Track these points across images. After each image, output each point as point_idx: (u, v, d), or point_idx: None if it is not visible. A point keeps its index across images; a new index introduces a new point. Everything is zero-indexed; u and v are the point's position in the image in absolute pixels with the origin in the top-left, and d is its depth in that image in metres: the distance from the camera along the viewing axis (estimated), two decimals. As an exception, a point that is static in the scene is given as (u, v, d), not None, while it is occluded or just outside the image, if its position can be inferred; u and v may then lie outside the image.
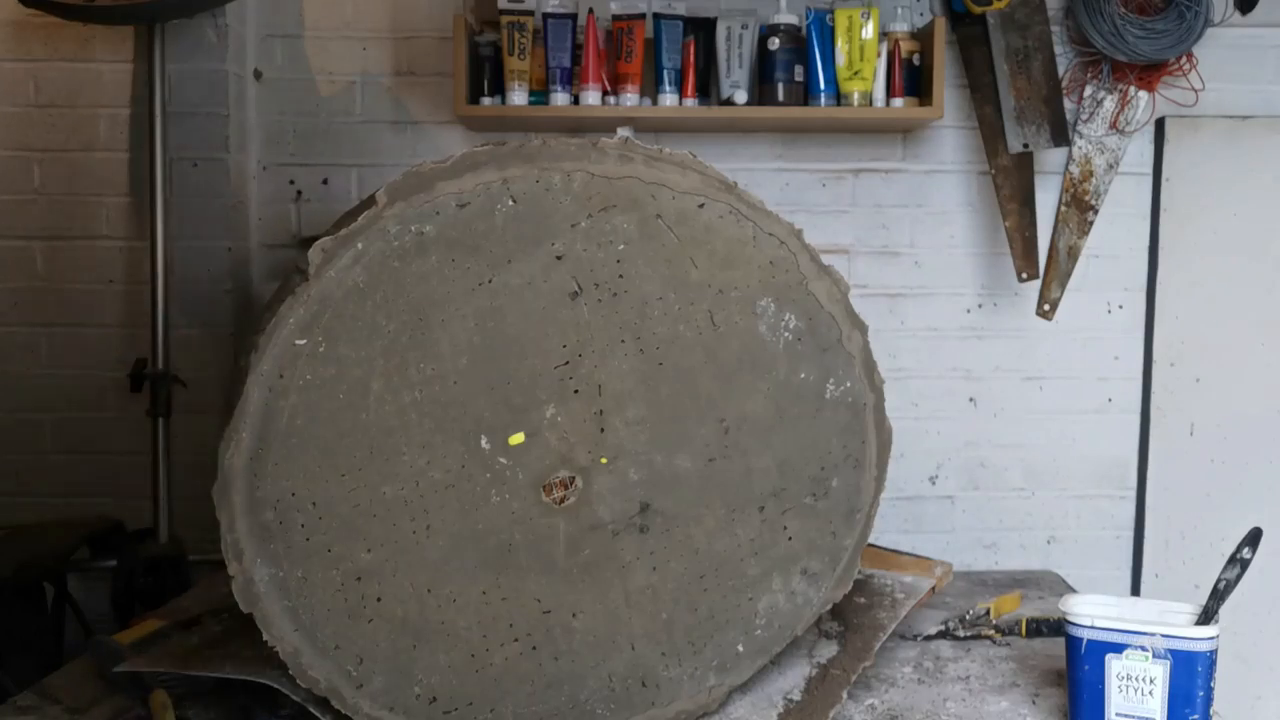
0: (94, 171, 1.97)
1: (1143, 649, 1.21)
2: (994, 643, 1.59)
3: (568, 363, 1.18)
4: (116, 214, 1.97)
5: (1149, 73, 2.02)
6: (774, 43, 1.91)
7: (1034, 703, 1.38)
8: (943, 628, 1.62)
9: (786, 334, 1.24)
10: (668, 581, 1.25)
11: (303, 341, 1.12)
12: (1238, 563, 1.24)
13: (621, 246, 1.18)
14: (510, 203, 1.15)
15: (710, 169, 1.21)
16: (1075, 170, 2.05)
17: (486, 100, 1.94)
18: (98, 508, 1.98)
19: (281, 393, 1.12)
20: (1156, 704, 1.21)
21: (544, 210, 1.16)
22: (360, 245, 1.13)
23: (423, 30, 2.06)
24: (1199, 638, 1.20)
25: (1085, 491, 2.14)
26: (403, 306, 1.14)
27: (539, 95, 1.94)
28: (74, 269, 1.98)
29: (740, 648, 1.29)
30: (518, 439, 1.19)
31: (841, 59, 1.91)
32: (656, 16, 1.94)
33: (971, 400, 2.13)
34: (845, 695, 1.35)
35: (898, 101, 1.94)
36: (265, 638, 1.16)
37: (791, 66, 1.92)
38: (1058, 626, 1.52)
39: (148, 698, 1.32)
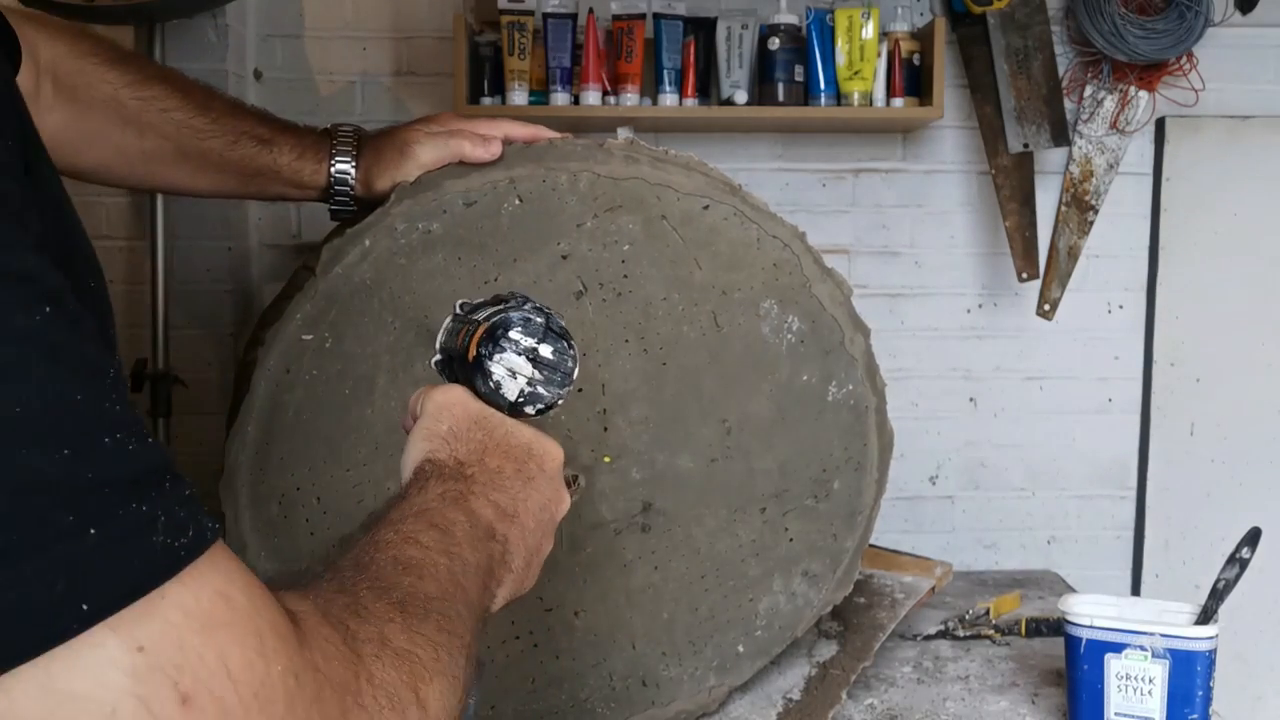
0: (94, 170, 1.96)
1: (1142, 649, 1.22)
2: (994, 642, 1.59)
3: (571, 362, 1.18)
4: (116, 214, 1.97)
5: (1149, 73, 2.03)
6: (774, 43, 1.91)
7: (1033, 702, 1.39)
8: (942, 627, 1.62)
9: (789, 336, 1.24)
10: (669, 581, 1.25)
11: (309, 337, 1.13)
12: (1237, 562, 1.24)
13: (626, 247, 1.18)
14: (517, 202, 1.15)
15: (715, 171, 1.22)
16: (1075, 170, 2.06)
17: (487, 100, 1.94)
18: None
19: (288, 387, 1.13)
20: (1156, 704, 1.21)
21: (550, 210, 1.16)
22: (367, 242, 1.13)
23: (423, 30, 2.06)
24: (1198, 637, 1.20)
25: (1085, 491, 2.15)
26: (409, 304, 1.14)
27: (539, 95, 1.93)
28: (74, 268, 1.97)
29: (740, 648, 1.29)
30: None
31: (841, 59, 1.92)
32: (656, 16, 1.94)
33: (971, 400, 2.13)
34: (845, 695, 1.35)
35: (898, 101, 1.95)
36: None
37: (791, 66, 1.92)
38: (1057, 626, 1.52)
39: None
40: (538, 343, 0.76)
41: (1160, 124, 2.07)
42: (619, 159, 1.17)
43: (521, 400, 0.76)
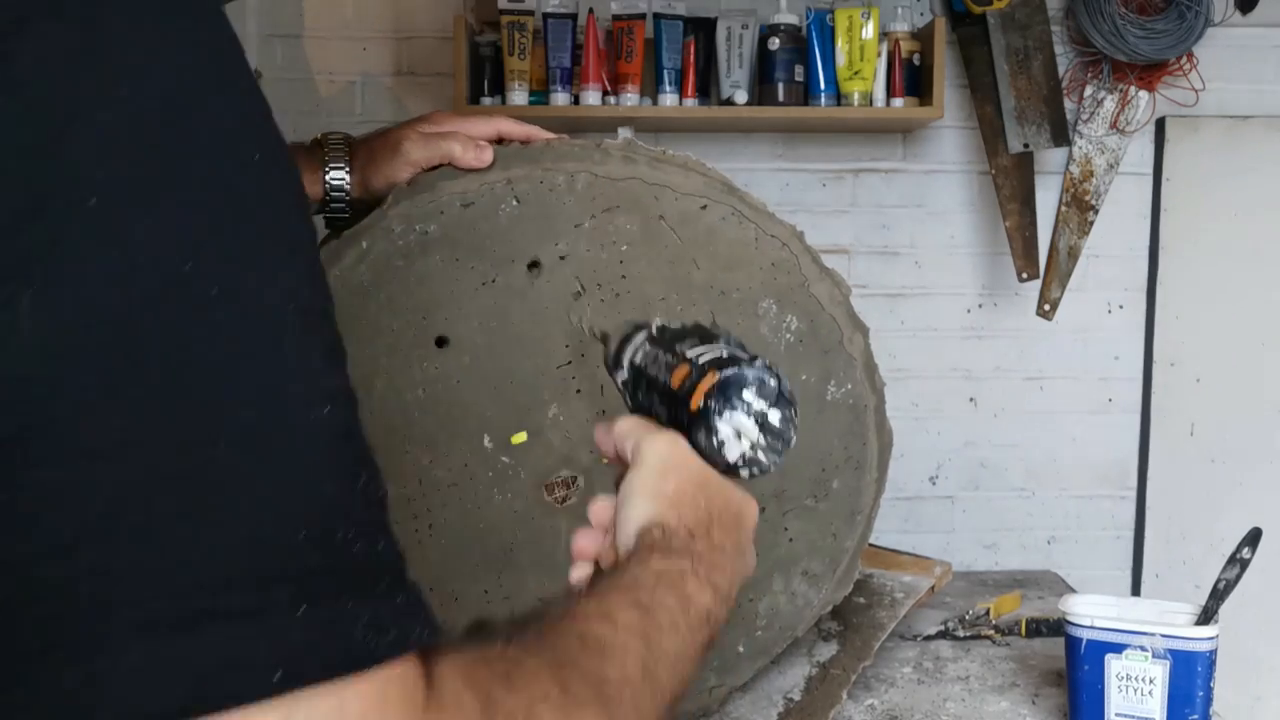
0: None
1: (1142, 649, 1.22)
2: (994, 643, 1.59)
3: (570, 362, 1.18)
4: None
5: (1149, 73, 2.02)
6: (774, 43, 1.91)
7: (1034, 703, 1.39)
8: (942, 628, 1.62)
9: (788, 335, 1.24)
10: (669, 581, 1.25)
11: (306, 342, 1.12)
12: (1237, 563, 1.24)
13: (624, 248, 1.18)
14: (514, 203, 1.15)
15: (713, 171, 1.21)
16: (1075, 170, 2.06)
17: (487, 100, 1.94)
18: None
19: (284, 393, 1.12)
20: (1156, 704, 1.21)
21: (547, 211, 1.16)
22: (365, 244, 1.13)
23: (423, 30, 2.06)
24: (1198, 638, 1.20)
25: (1085, 491, 2.15)
26: (407, 306, 1.14)
27: (539, 95, 1.94)
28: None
29: (741, 648, 1.29)
30: (520, 438, 1.19)
31: (841, 59, 1.92)
32: (656, 16, 1.94)
33: (971, 400, 2.13)
34: (845, 695, 1.35)
35: (898, 101, 1.95)
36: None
37: (791, 66, 1.92)
38: (1057, 626, 1.52)
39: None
40: (769, 406, 0.70)
41: (1160, 124, 2.07)
42: (616, 159, 1.17)
43: (740, 464, 0.71)
